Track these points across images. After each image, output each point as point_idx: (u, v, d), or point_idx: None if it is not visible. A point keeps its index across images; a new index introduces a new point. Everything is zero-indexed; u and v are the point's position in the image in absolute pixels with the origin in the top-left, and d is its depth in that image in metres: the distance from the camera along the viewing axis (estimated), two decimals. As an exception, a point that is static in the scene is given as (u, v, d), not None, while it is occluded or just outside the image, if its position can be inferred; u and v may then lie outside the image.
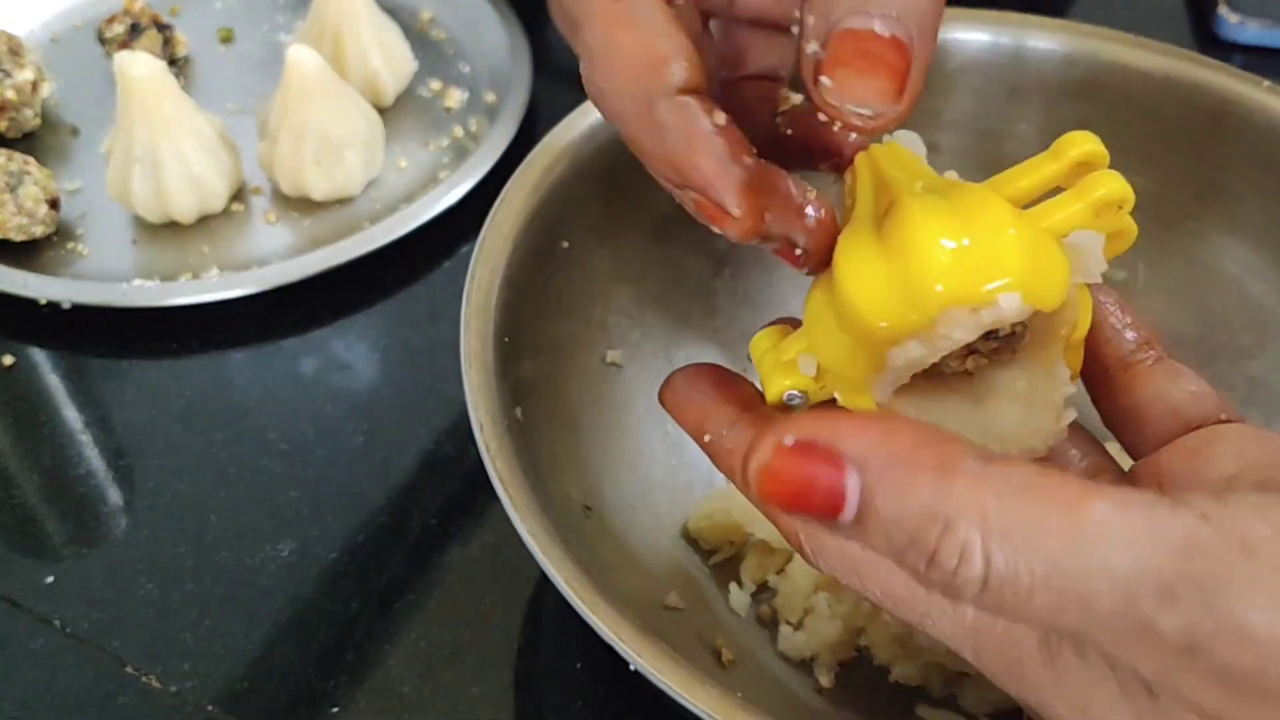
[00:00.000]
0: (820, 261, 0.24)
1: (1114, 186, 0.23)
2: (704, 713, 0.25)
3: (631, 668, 0.27)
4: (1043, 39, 0.41)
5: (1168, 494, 0.18)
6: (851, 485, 0.19)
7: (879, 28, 0.20)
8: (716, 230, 0.23)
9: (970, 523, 0.18)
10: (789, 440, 0.20)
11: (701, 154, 0.22)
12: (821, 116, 0.21)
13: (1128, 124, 0.41)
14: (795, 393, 0.25)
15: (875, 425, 0.20)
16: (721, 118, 0.22)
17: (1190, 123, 0.40)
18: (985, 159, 0.42)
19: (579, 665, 0.37)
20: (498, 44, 0.58)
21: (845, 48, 0.20)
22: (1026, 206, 0.24)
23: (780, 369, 0.25)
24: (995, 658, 0.20)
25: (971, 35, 0.42)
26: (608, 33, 0.22)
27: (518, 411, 0.33)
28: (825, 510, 0.19)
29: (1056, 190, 0.24)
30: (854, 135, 0.25)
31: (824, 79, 0.20)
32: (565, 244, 0.38)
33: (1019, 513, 0.18)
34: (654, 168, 0.23)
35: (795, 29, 0.21)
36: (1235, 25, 0.60)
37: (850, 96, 0.20)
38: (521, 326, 0.35)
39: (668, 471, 0.40)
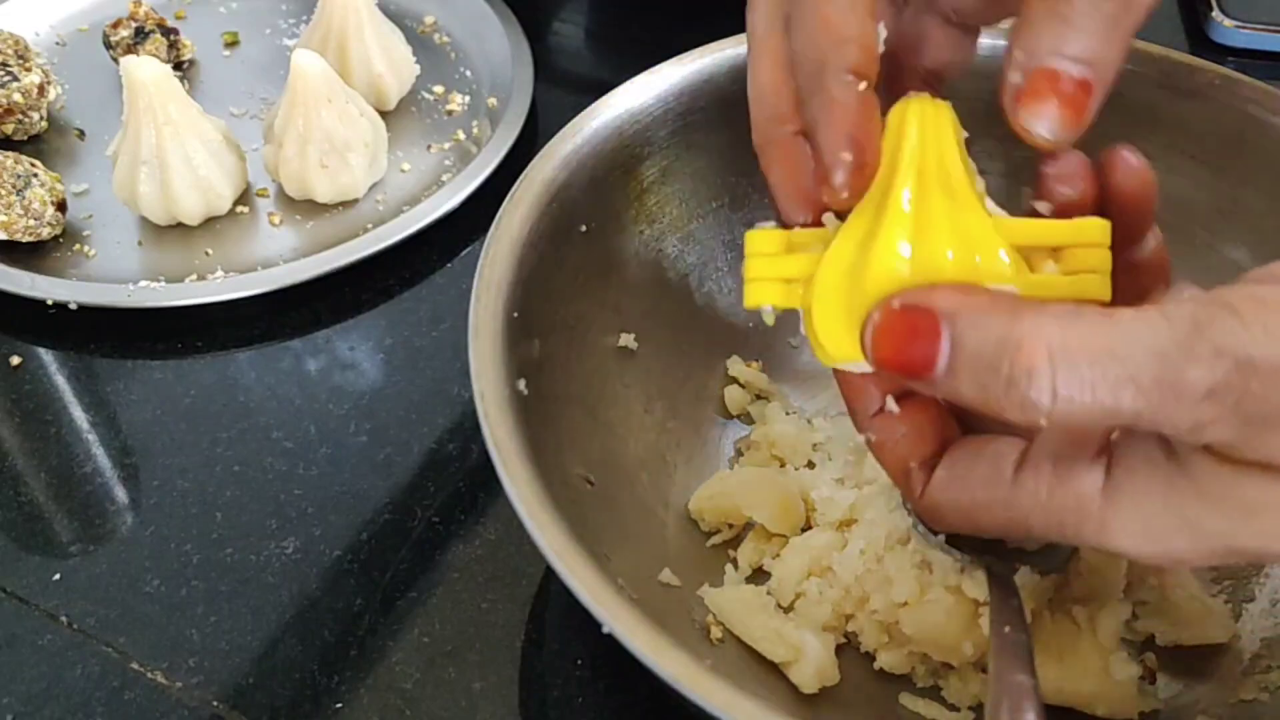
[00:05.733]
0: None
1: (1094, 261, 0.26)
2: (670, 677, 0.26)
3: (605, 630, 0.27)
4: None
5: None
6: (944, 338, 0.24)
7: (1074, 70, 0.25)
8: (820, 189, 0.27)
9: (1037, 341, 0.22)
10: (896, 303, 0.25)
11: (836, 130, 0.26)
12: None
13: (1149, 133, 0.40)
14: (770, 309, 0.28)
15: (960, 289, 0.25)
16: (868, 101, 0.26)
17: (1214, 136, 0.40)
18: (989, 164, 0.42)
19: (580, 662, 0.37)
20: (499, 48, 0.59)
21: (1042, 83, 0.25)
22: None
23: (770, 284, 0.28)
24: (1058, 510, 0.25)
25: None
26: (809, 5, 0.27)
27: (521, 384, 0.33)
28: (924, 361, 0.24)
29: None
30: None
31: (1021, 107, 0.25)
32: (584, 227, 0.38)
33: (1072, 328, 0.23)
34: (806, 128, 0.28)
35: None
36: (1228, 29, 0.61)
37: (1037, 122, 0.25)
38: (532, 304, 0.35)
39: (675, 451, 0.40)
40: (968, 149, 0.27)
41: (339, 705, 0.37)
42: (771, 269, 0.28)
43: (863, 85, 0.26)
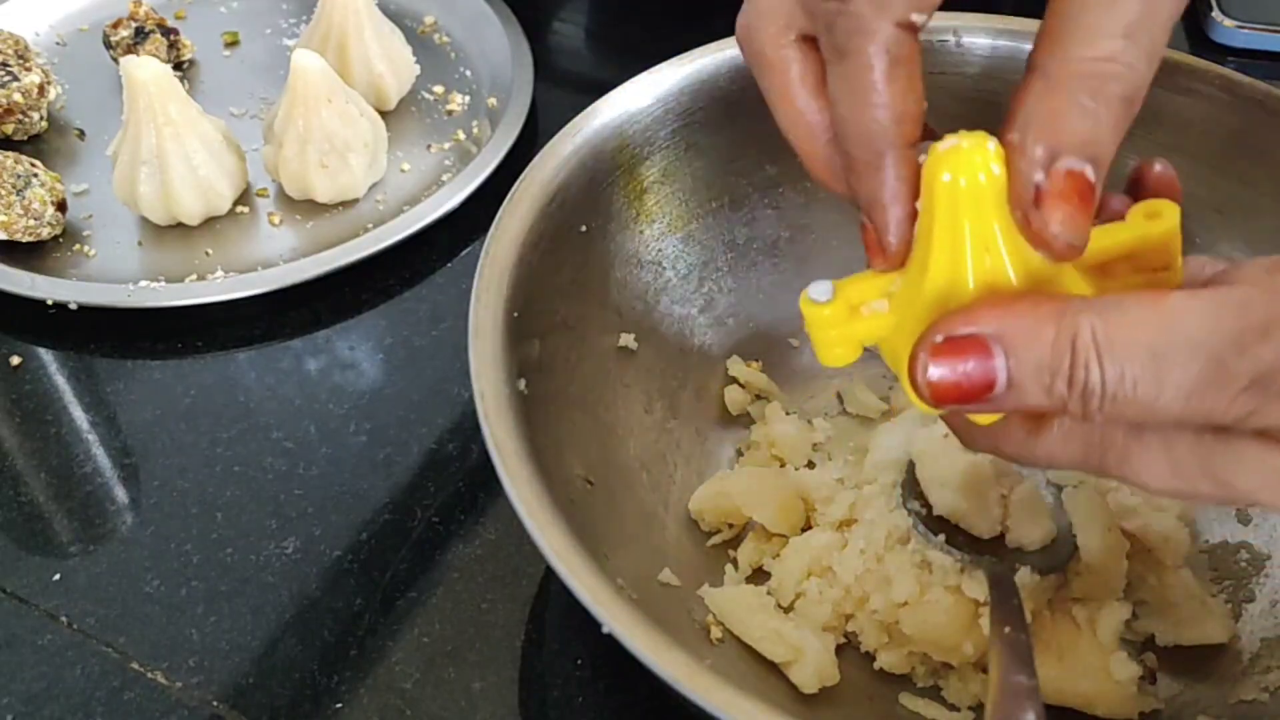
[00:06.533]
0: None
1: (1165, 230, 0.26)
2: (669, 677, 0.26)
3: (605, 630, 0.27)
4: None
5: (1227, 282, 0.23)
6: (998, 359, 0.23)
7: (1090, 174, 0.24)
8: (871, 258, 0.27)
9: (1086, 340, 0.23)
10: (939, 338, 0.24)
11: (901, 208, 0.26)
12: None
13: (1149, 133, 0.41)
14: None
15: (999, 303, 0.24)
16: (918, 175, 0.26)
17: (1214, 136, 0.40)
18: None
19: (580, 662, 0.38)
20: (499, 48, 0.59)
21: (1067, 186, 0.24)
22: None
23: (843, 346, 0.28)
24: (1082, 436, 0.25)
25: (972, 40, 0.42)
26: (866, 79, 0.25)
27: (521, 384, 0.33)
28: (985, 388, 0.24)
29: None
30: None
31: (1047, 213, 0.24)
32: (584, 228, 0.38)
33: (1117, 324, 0.23)
34: (858, 196, 0.27)
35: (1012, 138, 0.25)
36: (1228, 29, 0.61)
37: (1058, 229, 0.24)
38: (532, 304, 0.35)
39: (675, 451, 0.41)
40: None
41: (339, 705, 0.37)
42: (841, 334, 0.27)
43: (922, 158, 0.26)
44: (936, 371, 0.24)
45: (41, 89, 0.55)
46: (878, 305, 0.27)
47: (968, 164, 0.24)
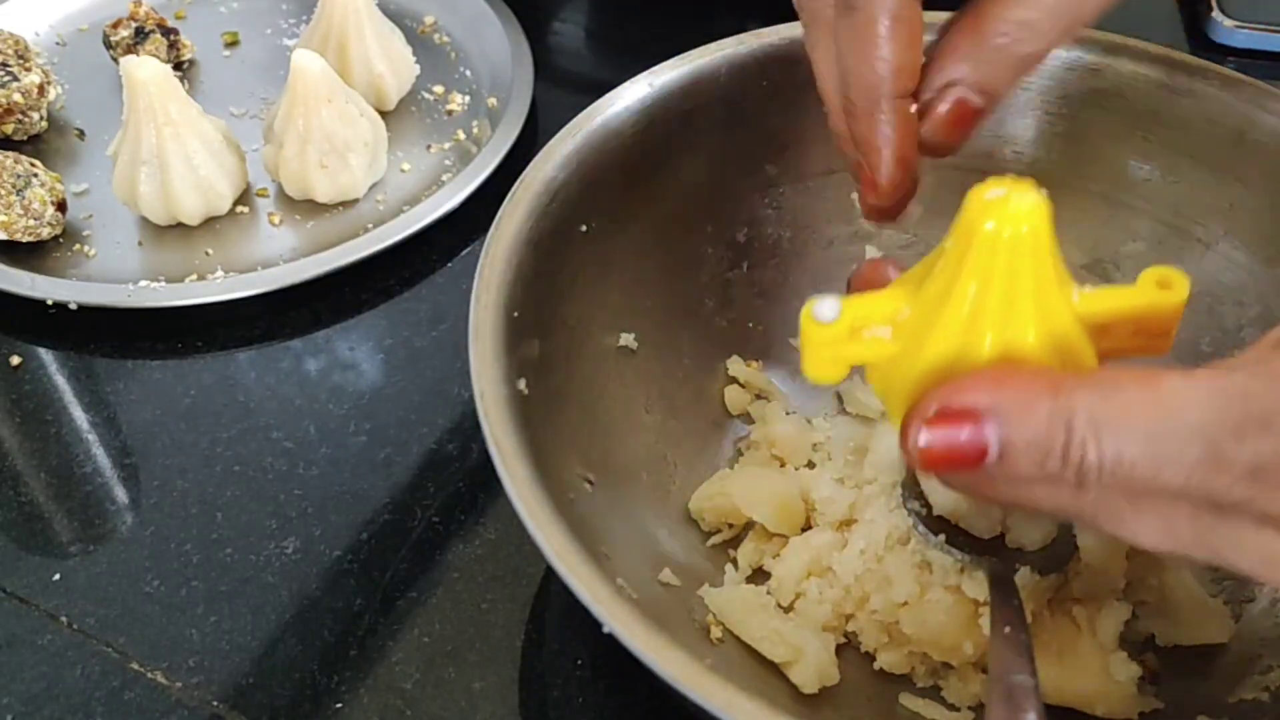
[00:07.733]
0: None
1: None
2: (670, 677, 0.26)
3: (605, 630, 0.27)
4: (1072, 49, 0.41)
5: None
6: (990, 432, 0.24)
7: (975, 102, 0.29)
8: (865, 196, 0.31)
9: (1082, 421, 0.23)
10: (932, 409, 0.24)
11: (893, 152, 0.30)
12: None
13: (1150, 133, 0.41)
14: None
15: (993, 378, 0.24)
16: (913, 121, 0.30)
17: (1214, 136, 0.40)
18: (986, 163, 0.42)
19: (580, 662, 0.38)
20: (499, 48, 0.59)
21: (951, 107, 0.29)
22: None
23: (833, 364, 0.28)
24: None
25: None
26: (870, 32, 0.29)
27: (521, 384, 0.33)
28: (976, 458, 0.24)
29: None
30: None
31: (925, 129, 0.30)
32: (584, 227, 0.38)
33: (1114, 406, 0.23)
34: (855, 138, 0.31)
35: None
36: (1228, 29, 0.61)
37: (928, 132, 0.30)
38: (532, 304, 0.35)
39: (675, 451, 0.41)
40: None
41: (339, 705, 0.37)
42: (836, 353, 0.27)
43: (913, 107, 0.30)
44: (928, 438, 0.24)
45: (41, 89, 0.55)
46: (880, 331, 0.27)
47: (1013, 216, 0.24)
